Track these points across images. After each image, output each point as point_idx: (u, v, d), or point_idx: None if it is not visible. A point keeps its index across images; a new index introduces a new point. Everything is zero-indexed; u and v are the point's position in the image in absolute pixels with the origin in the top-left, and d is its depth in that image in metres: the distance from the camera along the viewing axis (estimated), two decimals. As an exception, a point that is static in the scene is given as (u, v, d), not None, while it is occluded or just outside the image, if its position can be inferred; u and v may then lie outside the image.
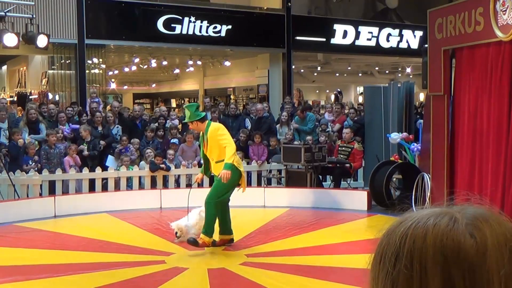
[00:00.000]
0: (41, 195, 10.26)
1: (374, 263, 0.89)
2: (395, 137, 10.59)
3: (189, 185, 11.18)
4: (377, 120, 12.00)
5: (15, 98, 19.01)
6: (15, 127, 11.09)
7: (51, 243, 7.85)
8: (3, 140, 10.88)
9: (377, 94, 12.16)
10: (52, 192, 10.36)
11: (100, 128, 12.00)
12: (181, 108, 21.39)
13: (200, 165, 11.45)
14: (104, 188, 10.81)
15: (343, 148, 11.61)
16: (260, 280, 6.16)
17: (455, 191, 7.92)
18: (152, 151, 11.24)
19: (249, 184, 10.98)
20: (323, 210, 9.96)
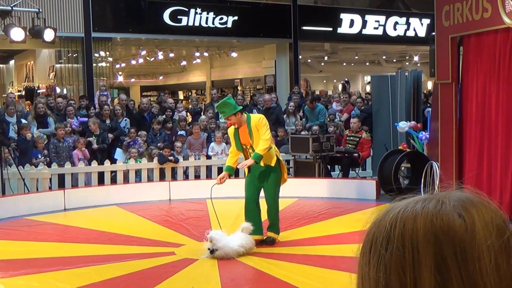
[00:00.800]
0: (50, 188, 10.32)
1: (364, 251, 0.93)
2: (403, 126, 10.54)
3: (197, 177, 11.22)
4: (384, 109, 11.95)
5: (23, 93, 19.08)
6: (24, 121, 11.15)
7: (61, 236, 7.90)
8: (12, 134, 10.93)
9: (384, 83, 12.10)
10: (61, 185, 10.41)
11: (108, 121, 12.04)
12: (188, 101, 21.40)
13: (209, 157, 11.55)
14: (113, 181, 10.87)
15: (351, 138, 11.58)
16: (269, 270, 6.18)
17: (463, 179, 7.91)
18: (156, 149, 11.22)
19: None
20: (331, 200, 9.96)
